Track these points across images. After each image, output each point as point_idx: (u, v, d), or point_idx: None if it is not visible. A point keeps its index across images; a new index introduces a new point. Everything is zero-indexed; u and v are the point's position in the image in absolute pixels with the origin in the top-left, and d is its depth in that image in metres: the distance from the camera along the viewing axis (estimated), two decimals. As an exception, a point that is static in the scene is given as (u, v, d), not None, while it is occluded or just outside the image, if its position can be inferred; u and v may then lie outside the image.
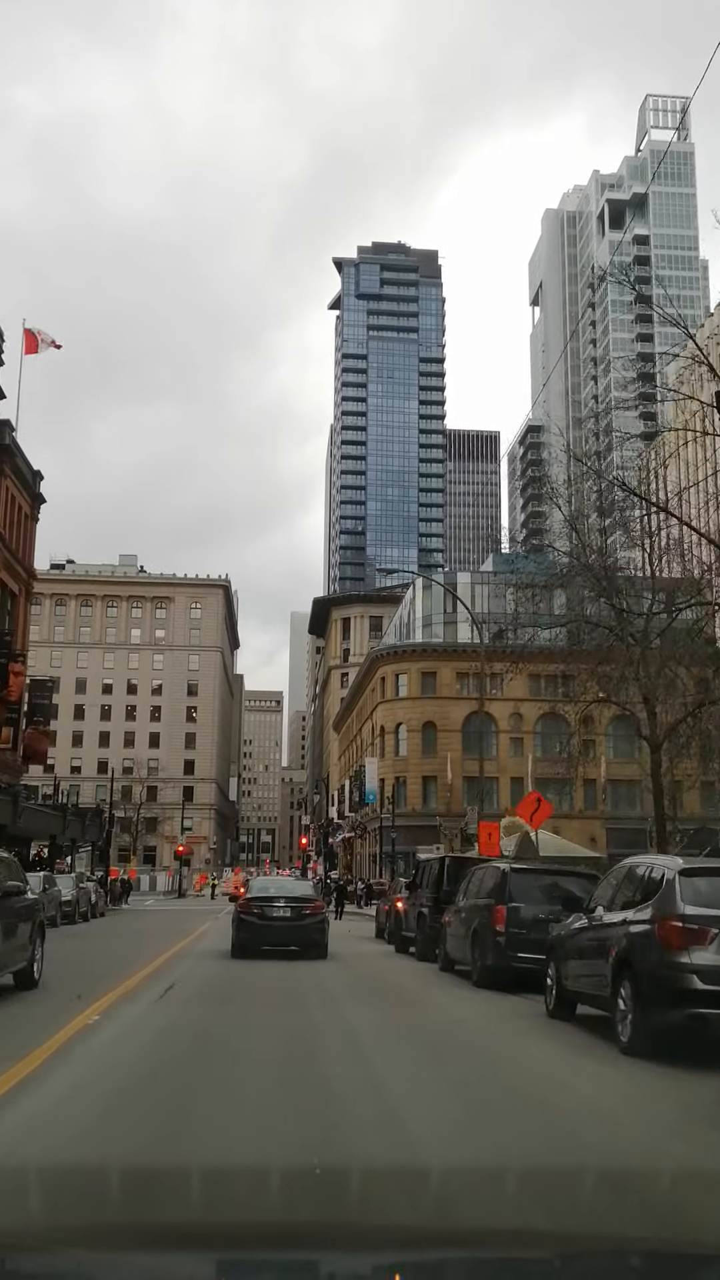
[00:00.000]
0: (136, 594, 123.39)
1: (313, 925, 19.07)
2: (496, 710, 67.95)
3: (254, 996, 14.22)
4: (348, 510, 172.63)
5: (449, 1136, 6.30)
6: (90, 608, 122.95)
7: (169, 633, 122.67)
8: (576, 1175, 5.38)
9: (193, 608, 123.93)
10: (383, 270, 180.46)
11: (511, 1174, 5.33)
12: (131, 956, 18.97)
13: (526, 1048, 10.15)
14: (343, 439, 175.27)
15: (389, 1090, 7.63)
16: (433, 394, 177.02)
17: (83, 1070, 8.15)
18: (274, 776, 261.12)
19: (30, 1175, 5.14)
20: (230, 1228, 3.91)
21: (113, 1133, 6.23)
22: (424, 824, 64.33)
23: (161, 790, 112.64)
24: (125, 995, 13.00)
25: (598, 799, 66.94)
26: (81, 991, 12.65)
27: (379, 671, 71.19)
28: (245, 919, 18.90)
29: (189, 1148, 5.84)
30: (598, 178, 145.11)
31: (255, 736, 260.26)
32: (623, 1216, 4.65)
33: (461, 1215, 4.77)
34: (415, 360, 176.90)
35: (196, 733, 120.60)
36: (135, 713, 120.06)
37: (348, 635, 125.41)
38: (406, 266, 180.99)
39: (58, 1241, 3.21)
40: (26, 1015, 11.22)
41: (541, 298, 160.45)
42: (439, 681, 67.88)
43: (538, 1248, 3.00)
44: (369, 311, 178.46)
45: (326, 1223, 4.28)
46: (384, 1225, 4.19)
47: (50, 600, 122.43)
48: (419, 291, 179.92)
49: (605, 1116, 7.15)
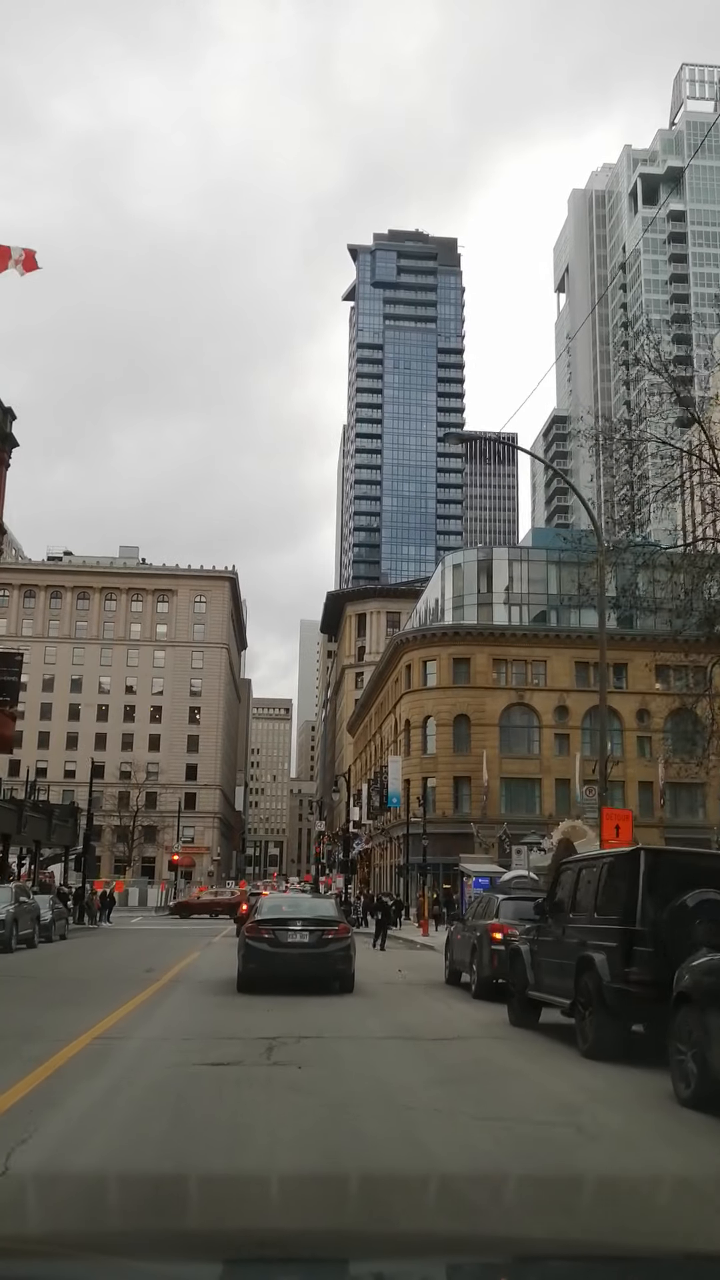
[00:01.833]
0: (137, 586, 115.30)
1: (337, 953, 15.61)
2: (538, 702, 59.55)
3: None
4: (362, 506, 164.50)
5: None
6: (87, 600, 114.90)
7: (171, 628, 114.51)
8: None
9: (197, 601, 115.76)
10: (400, 258, 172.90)
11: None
12: (30, 1031, 10.61)
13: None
14: (357, 432, 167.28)
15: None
16: (451, 386, 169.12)
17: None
18: (282, 787, 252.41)
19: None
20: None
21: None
22: (456, 831, 55.87)
23: (162, 796, 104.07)
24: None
25: (655, 803, 58.38)
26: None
27: (404, 659, 62.80)
28: (254, 946, 15.57)
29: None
30: (629, 153, 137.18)
31: (263, 745, 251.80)
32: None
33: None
34: (433, 351, 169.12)
35: (200, 735, 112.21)
36: (134, 713, 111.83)
37: (363, 632, 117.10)
38: (424, 254, 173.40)
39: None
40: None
41: (568, 282, 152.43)
42: (473, 669, 59.48)
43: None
44: (385, 300, 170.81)
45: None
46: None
47: (45, 593, 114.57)
48: (437, 280, 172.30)
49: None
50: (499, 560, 63.58)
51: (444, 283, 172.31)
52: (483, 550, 66.46)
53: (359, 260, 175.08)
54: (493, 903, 15.36)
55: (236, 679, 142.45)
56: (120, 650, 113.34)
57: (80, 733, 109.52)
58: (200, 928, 38.78)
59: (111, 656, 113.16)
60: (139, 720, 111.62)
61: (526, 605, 62.17)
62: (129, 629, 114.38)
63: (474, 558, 63.92)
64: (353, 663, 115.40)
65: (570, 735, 58.93)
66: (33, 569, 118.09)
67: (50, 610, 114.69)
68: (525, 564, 62.81)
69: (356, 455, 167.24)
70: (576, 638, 59.69)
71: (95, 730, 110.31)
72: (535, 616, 61.72)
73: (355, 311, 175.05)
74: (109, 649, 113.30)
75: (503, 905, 14.95)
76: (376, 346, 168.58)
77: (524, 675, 59.64)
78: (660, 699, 59.87)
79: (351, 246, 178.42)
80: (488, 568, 63.01)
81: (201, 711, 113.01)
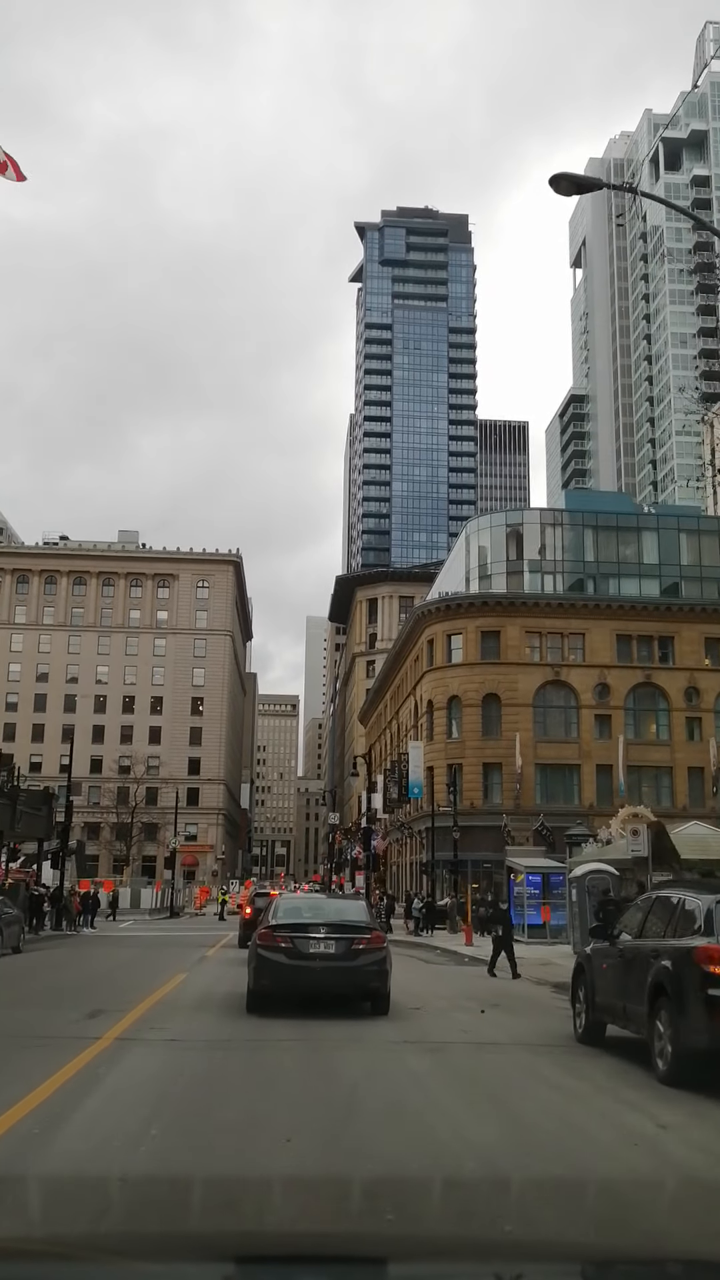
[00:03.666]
0: (136, 571, 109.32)
1: (369, 967, 12.61)
2: (576, 680, 53.47)
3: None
4: (371, 492, 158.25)
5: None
6: (84, 586, 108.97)
7: (172, 614, 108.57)
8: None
9: (199, 586, 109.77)
10: (409, 235, 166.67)
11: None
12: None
13: None
14: (366, 415, 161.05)
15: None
16: (463, 367, 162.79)
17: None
18: (289, 785, 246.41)
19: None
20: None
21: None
22: (486, 824, 49.75)
23: (163, 792, 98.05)
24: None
25: (706, 791, 52.28)
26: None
27: (425, 633, 56.73)
28: (268, 958, 12.56)
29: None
30: (649, 117, 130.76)
31: (269, 743, 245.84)
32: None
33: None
34: (444, 331, 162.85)
35: (203, 727, 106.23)
36: (133, 704, 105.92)
37: (374, 618, 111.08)
38: (434, 230, 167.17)
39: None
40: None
41: (584, 257, 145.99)
42: (503, 643, 53.39)
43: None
44: (394, 279, 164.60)
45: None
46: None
47: (39, 578, 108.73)
48: (448, 258, 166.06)
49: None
50: (530, 525, 57.47)
51: (455, 260, 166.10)
52: (512, 513, 60.31)
53: (366, 238, 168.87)
54: (689, 908, 8.73)
55: (241, 670, 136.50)
56: (119, 638, 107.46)
57: (77, 725, 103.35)
58: (196, 934, 32.80)
59: (109, 645, 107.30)
60: (138, 712, 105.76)
61: (561, 574, 56.06)
62: (128, 616, 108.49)
63: (502, 522, 57.80)
64: (364, 650, 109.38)
65: (612, 716, 52.85)
66: (27, 553, 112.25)
67: (45, 597, 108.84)
68: (559, 528, 56.68)
69: (365, 440, 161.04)
70: (618, 607, 53.72)
71: (93, 722, 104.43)
72: (571, 586, 55.65)
73: (363, 292, 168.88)
74: (106, 637, 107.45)
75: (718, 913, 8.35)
76: (385, 327, 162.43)
77: (560, 650, 53.55)
78: (712, 676, 53.87)
79: (359, 224, 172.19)
80: (517, 533, 56.92)
81: (204, 703, 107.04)
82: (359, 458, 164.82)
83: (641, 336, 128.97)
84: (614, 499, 71.72)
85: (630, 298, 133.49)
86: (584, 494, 79.26)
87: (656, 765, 52.89)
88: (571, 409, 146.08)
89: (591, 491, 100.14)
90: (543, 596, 54.14)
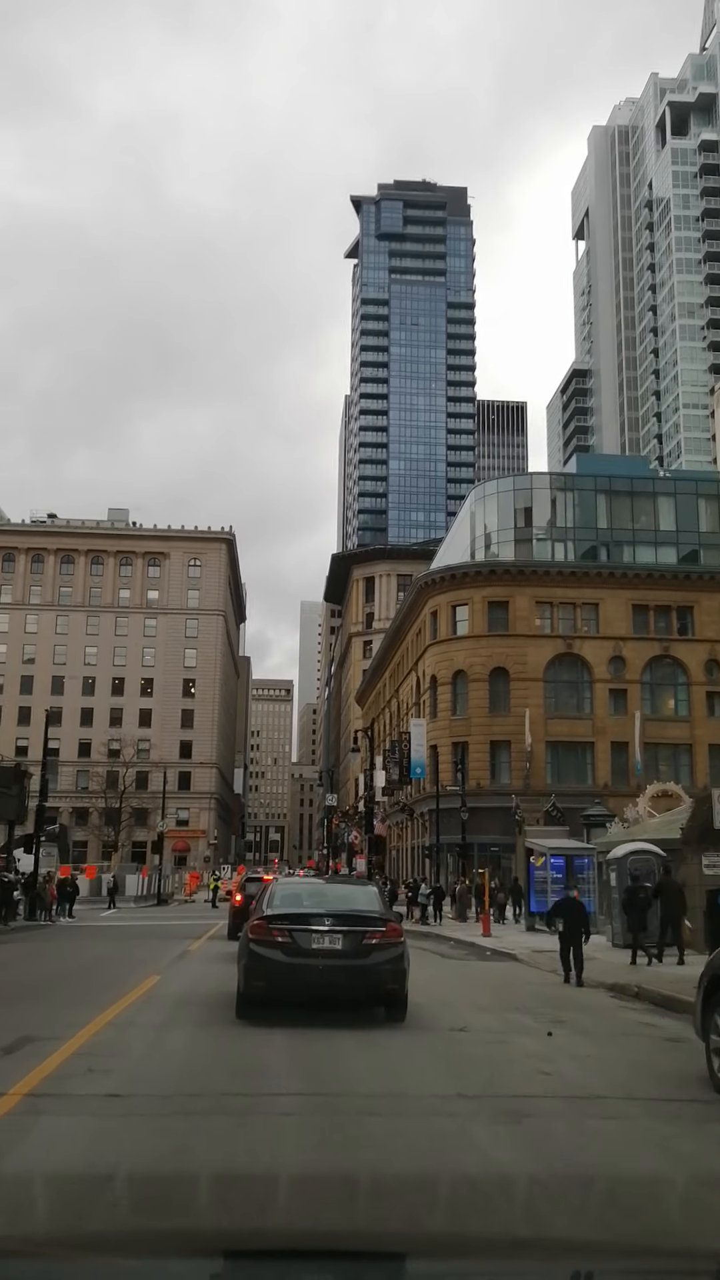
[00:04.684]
0: (126, 549, 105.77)
1: (384, 966, 10.51)
2: (590, 652, 50.29)
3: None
4: (368, 470, 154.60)
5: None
6: (72, 564, 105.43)
7: (163, 594, 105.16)
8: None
9: (191, 565, 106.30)
10: (406, 208, 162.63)
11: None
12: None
13: None
14: (362, 393, 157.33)
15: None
16: (462, 343, 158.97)
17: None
18: (283, 771, 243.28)
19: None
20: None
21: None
22: (493, 805, 46.52)
23: (153, 776, 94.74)
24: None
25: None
26: None
27: (429, 604, 53.45)
28: (262, 954, 10.43)
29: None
30: (656, 81, 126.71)
31: (263, 728, 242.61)
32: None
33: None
34: (443, 306, 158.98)
35: (194, 709, 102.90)
36: (123, 686, 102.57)
37: (371, 597, 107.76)
38: (433, 203, 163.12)
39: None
40: None
41: (587, 228, 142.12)
42: (512, 614, 50.15)
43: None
44: (391, 253, 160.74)
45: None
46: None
47: (26, 556, 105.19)
48: (447, 231, 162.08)
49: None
50: (539, 490, 54.17)
51: (453, 233, 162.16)
52: (520, 478, 56.97)
53: (363, 212, 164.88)
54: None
55: (235, 652, 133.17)
56: (108, 618, 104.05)
57: (65, 707, 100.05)
58: (182, 924, 29.58)
59: (98, 625, 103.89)
60: (128, 694, 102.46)
61: (572, 541, 52.79)
62: (117, 595, 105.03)
63: (510, 487, 54.46)
64: (360, 630, 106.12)
65: (628, 691, 49.67)
66: (13, 530, 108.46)
67: (32, 575, 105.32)
68: (571, 493, 53.39)
69: (361, 418, 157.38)
70: (634, 576, 50.47)
71: (81, 705, 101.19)
72: (583, 554, 52.39)
73: (359, 267, 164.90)
74: (95, 617, 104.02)
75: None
76: (382, 302, 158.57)
77: (572, 621, 50.33)
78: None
79: (355, 197, 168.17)
80: (526, 499, 53.61)
81: (196, 684, 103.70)
82: (355, 437, 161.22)
83: (647, 308, 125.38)
84: (627, 463, 68.51)
85: (635, 268, 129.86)
86: (595, 457, 75.82)
87: (675, 742, 49.76)
88: (574, 384, 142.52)
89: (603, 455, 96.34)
90: (554, 564, 50.88)
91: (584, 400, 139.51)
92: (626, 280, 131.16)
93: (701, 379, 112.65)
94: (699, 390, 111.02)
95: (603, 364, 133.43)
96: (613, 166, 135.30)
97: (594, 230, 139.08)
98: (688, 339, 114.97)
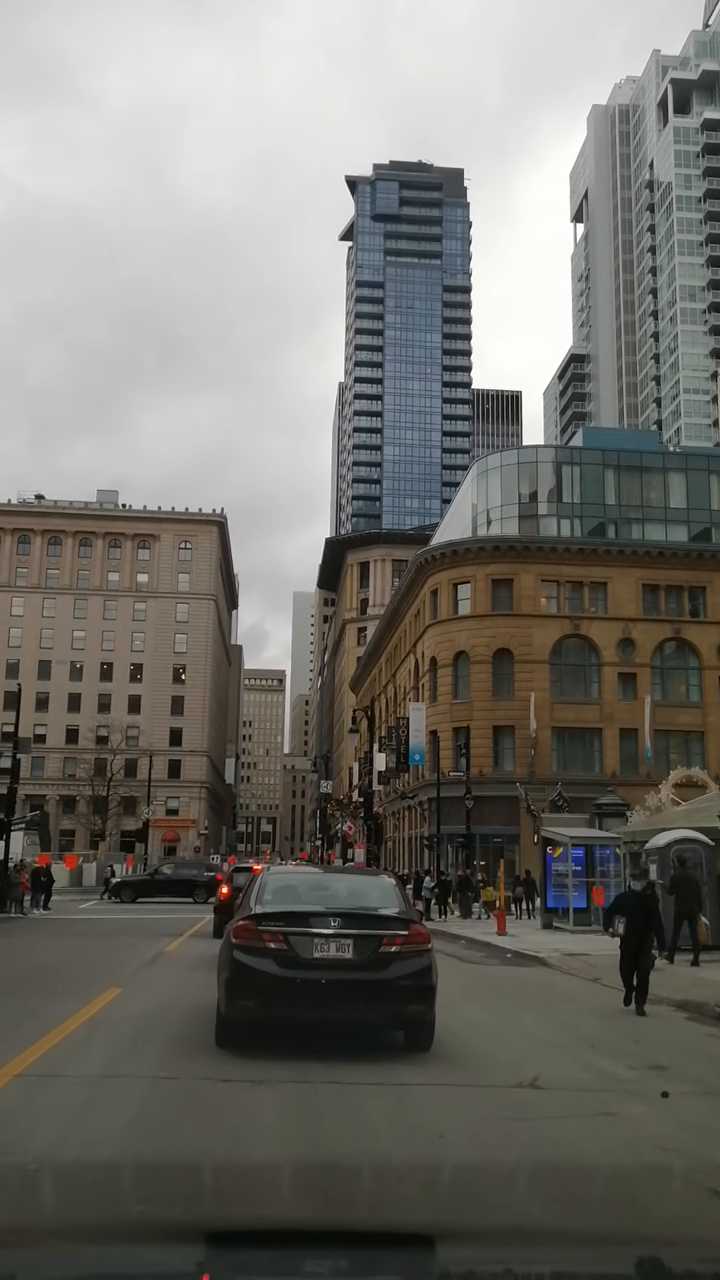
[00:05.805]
0: (115, 531, 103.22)
1: (404, 981, 8.27)
2: (598, 633, 48.02)
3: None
4: (361, 456, 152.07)
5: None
6: (59, 546, 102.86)
7: (153, 577, 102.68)
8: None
9: (181, 548, 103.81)
10: (401, 189, 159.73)
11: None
12: None
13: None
14: (356, 377, 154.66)
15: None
16: (457, 326, 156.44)
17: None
18: (275, 762, 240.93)
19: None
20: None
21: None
22: (497, 794, 44.32)
23: (142, 764, 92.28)
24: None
25: (748, 759, 46.83)
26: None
27: (428, 583, 51.11)
28: (250, 965, 8.21)
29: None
30: (657, 59, 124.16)
31: (255, 718, 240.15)
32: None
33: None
34: (438, 289, 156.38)
35: (185, 696, 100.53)
36: (111, 671, 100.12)
37: (366, 583, 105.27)
38: (428, 184, 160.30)
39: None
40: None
41: (586, 210, 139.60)
42: (517, 592, 47.85)
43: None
44: (386, 235, 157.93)
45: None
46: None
47: (12, 537, 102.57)
48: (442, 213, 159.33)
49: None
50: (544, 464, 51.85)
51: (450, 215, 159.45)
52: (524, 450, 54.61)
53: (358, 193, 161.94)
54: None
55: (226, 639, 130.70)
56: (96, 601, 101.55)
57: (51, 693, 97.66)
58: (162, 919, 27.23)
59: (86, 608, 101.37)
60: (117, 679, 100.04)
61: (579, 518, 50.46)
62: (105, 578, 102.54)
63: (513, 460, 52.12)
64: (355, 616, 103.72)
65: (638, 674, 47.43)
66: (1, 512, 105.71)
67: (18, 557, 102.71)
68: (577, 468, 51.06)
69: (355, 403, 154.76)
70: (644, 554, 48.18)
71: (68, 690, 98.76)
72: (591, 531, 50.07)
73: (354, 249, 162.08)
74: (83, 600, 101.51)
75: None
76: (377, 285, 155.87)
77: (580, 600, 48.05)
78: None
79: (350, 178, 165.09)
80: (531, 472, 51.28)
81: (187, 670, 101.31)
82: (349, 422, 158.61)
83: (647, 291, 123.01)
84: (636, 436, 66.21)
85: (635, 251, 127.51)
86: (601, 431, 73.35)
87: (686, 729, 47.56)
88: (571, 369, 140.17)
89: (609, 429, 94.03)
90: (560, 541, 48.56)
91: (582, 386, 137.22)
92: (626, 263, 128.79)
93: (702, 363, 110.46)
94: (700, 374, 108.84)
95: (601, 349, 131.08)
96: (612, 146, 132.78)
97: (593, 212, 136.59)
98: (689, 322, 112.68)
